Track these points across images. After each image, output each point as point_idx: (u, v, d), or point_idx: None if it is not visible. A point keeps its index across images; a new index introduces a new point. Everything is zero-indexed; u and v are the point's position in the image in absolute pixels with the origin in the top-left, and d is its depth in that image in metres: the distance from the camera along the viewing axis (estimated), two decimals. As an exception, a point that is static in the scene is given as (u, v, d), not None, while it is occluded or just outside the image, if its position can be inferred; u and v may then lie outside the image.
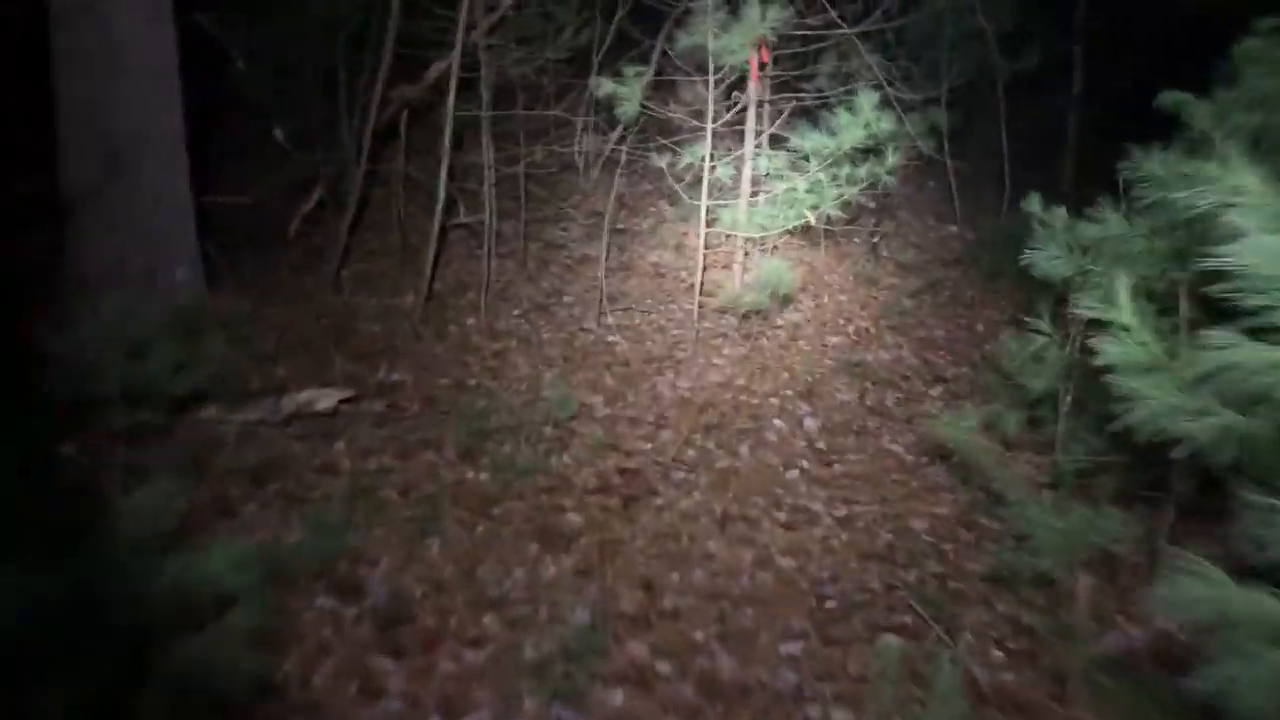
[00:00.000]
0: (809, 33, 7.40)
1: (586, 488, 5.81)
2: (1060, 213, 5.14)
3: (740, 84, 7.62)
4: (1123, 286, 3.83)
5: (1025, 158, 10.54)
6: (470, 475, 5.85)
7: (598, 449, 6.15)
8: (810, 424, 6.82)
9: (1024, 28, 9.92)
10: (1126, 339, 3.84)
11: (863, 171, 6.96)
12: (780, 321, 8.21)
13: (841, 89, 7.24)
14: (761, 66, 7.32)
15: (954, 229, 10.43)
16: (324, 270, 7.92)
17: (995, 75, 10.03)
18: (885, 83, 7.54)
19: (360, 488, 5.58)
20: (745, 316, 7.69)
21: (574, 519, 5.53)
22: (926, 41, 9.77)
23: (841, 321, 8.41)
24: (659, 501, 5.75)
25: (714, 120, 7.03)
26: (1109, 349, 3.83)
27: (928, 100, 9.16)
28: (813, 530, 5.58)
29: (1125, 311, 3.85)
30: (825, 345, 7.97)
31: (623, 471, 6.01)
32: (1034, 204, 5.23)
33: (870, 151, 6.88)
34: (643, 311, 8.05)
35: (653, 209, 9.85)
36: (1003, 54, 9.89)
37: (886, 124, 6.46)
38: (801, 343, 7.92)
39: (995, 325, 8.25)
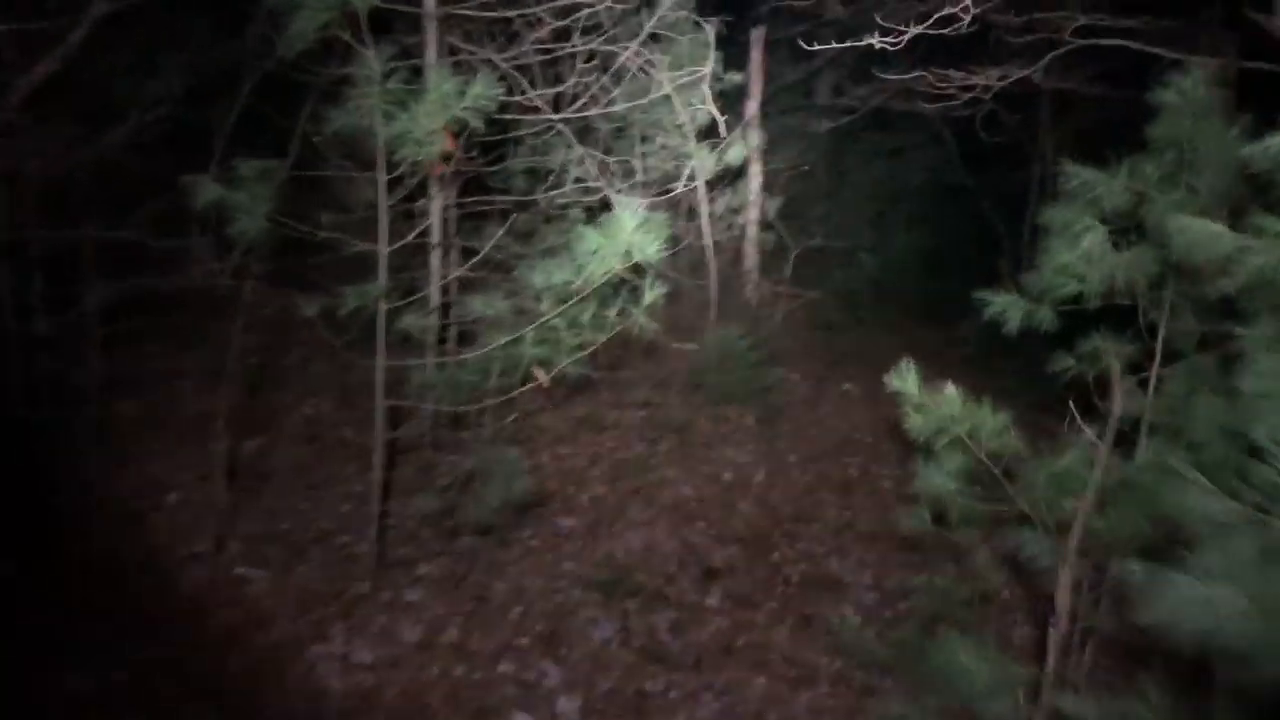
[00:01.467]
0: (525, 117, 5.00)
1: None
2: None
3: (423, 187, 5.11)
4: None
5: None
6: None
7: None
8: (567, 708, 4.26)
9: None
10: None
11: (613, 313, 4.56)
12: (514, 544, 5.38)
13: (578, 194, 4.85)
14: (447, 159, 4.78)
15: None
16: None
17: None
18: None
19: None
20: (454, 533, 4.96)
21: None
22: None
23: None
24: None
25: (390, 240, 4.40)
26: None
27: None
28: None
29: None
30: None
31: None
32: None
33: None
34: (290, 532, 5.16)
35: (303, 362, 7.02)
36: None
37: (653, 246, 4.08)
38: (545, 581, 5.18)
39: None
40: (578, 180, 5.30)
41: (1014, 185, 10.53)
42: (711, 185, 9.42)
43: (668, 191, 8.48)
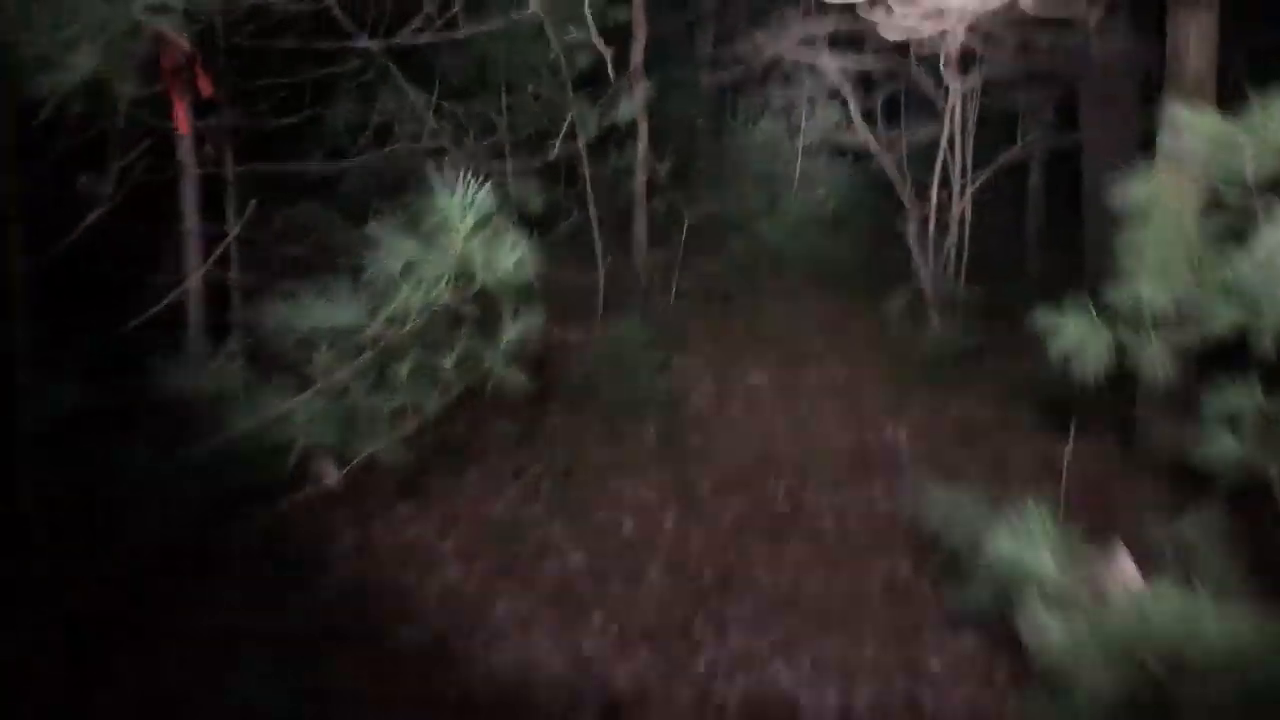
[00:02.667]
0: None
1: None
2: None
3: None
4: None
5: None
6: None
7: None
8: None
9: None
10: None
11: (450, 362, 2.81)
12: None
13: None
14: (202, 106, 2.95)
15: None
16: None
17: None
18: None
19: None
20: None
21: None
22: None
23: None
24: None
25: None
26: None
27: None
28: None
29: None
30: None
31: None
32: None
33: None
34: None
35: None
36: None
37: (510, 258, 2.32)
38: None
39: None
40: (413, 139, 3.62)
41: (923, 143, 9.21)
42: (594, 146, 7.78)
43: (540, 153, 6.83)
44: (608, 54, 3.69)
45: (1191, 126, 2.13)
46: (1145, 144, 9.84)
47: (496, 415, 5.32)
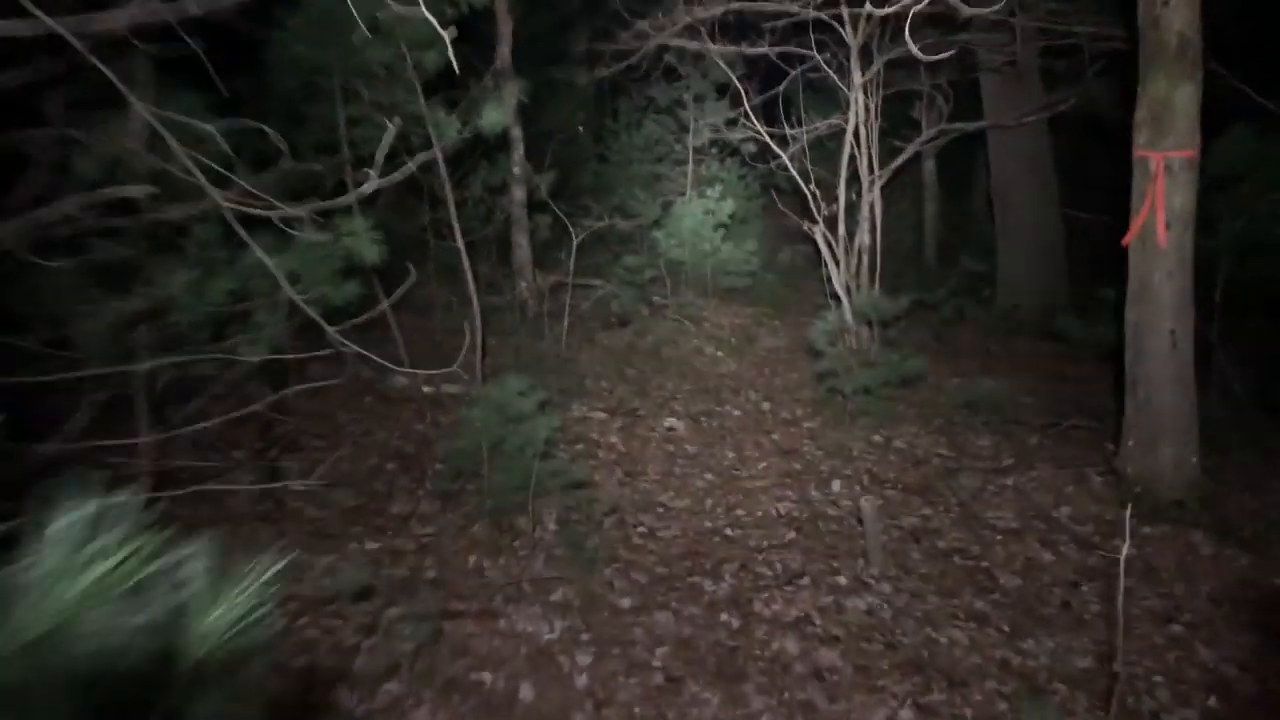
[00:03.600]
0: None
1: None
2: None
3: None
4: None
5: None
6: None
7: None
8: None
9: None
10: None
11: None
12: None
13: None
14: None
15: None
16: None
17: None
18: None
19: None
20: None
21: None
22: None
23: None
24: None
25: None
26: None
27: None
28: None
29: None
30: None
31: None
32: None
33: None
34: None
35: None
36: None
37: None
38: None
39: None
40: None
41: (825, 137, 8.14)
42: (457, 160, 6.43)
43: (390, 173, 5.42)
44: (447, 36, 2.54)
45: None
46: (1054, 124, 9.18)
47: (338, 555, 3.95)
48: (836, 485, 4.72)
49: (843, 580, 3.76)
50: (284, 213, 2.49)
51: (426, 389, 5.81)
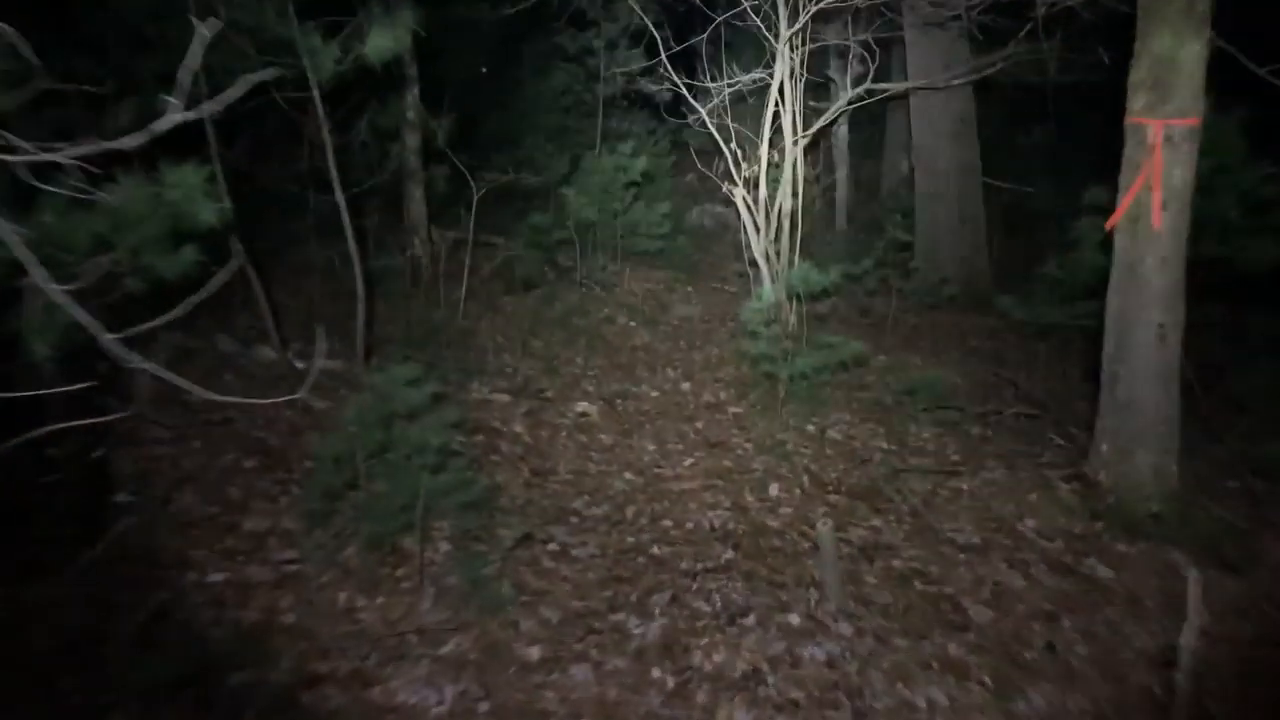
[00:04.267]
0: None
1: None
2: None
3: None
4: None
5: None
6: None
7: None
8: None
9: None
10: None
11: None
12: None
13: None
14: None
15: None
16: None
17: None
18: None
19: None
20: None
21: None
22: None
23: None
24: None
25: None
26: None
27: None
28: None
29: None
30: None
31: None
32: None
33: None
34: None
35: None
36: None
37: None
38: None
39: None
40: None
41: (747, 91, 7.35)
42: (339, 98, 5.39)
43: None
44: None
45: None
46: (981, 86, 8.63)
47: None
48: (774, 489, 4.03)
49: (794, 619, 3.07)
50: (35, 157, 1.59)
51: (298, 364, 4.85)
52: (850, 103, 7.10)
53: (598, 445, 4.51)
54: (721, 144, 6.60)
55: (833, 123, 8.95)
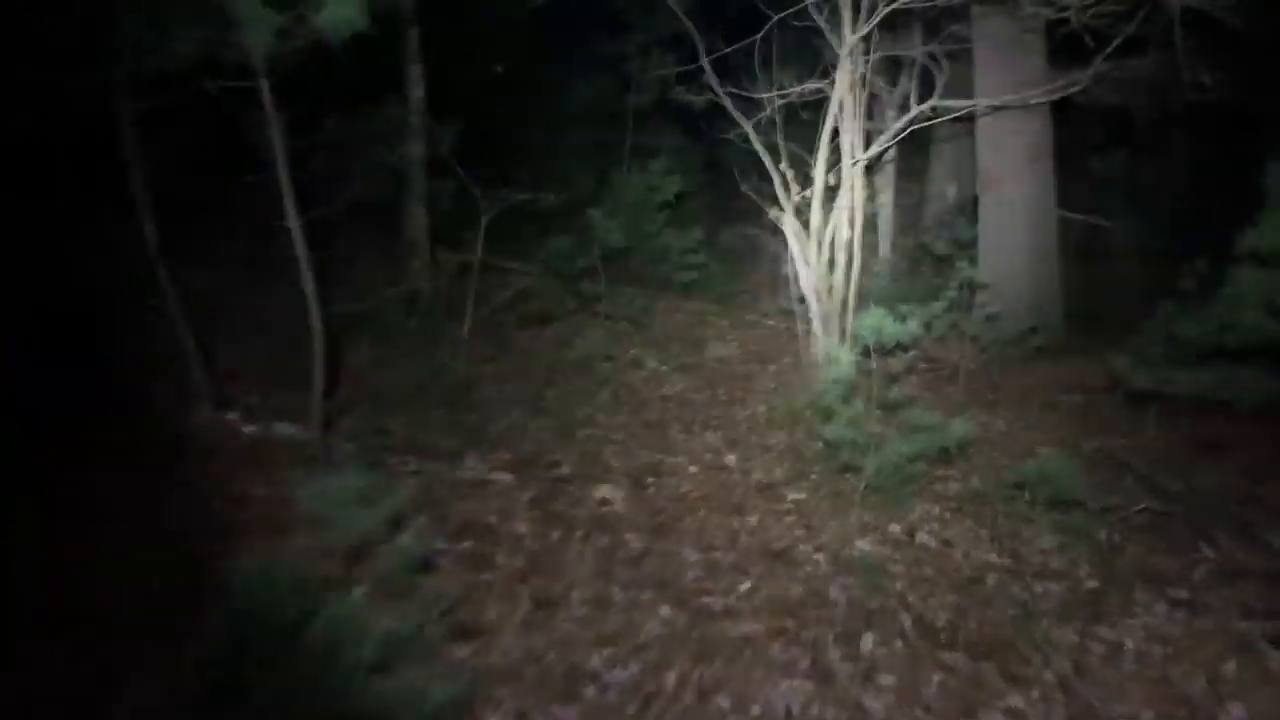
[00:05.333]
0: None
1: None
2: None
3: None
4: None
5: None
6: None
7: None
8: None
9: None
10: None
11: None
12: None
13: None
14: None
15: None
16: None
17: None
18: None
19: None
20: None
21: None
22: None
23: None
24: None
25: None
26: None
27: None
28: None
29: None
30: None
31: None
32: None
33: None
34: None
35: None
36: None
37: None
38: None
39: None
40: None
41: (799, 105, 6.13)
42: (296, 91, 4.20)
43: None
44: None
45: None
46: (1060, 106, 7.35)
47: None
48: (869, 642, 2.79)
49: None
50: None
51: (247, 430, 3.65)
52: (914, 121, 5.81)
53: (624, 554, 3.28)
54: (769, 164, 5.39)
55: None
